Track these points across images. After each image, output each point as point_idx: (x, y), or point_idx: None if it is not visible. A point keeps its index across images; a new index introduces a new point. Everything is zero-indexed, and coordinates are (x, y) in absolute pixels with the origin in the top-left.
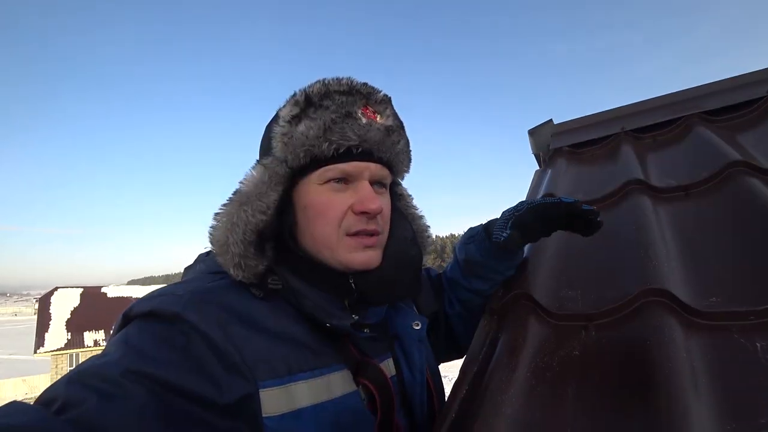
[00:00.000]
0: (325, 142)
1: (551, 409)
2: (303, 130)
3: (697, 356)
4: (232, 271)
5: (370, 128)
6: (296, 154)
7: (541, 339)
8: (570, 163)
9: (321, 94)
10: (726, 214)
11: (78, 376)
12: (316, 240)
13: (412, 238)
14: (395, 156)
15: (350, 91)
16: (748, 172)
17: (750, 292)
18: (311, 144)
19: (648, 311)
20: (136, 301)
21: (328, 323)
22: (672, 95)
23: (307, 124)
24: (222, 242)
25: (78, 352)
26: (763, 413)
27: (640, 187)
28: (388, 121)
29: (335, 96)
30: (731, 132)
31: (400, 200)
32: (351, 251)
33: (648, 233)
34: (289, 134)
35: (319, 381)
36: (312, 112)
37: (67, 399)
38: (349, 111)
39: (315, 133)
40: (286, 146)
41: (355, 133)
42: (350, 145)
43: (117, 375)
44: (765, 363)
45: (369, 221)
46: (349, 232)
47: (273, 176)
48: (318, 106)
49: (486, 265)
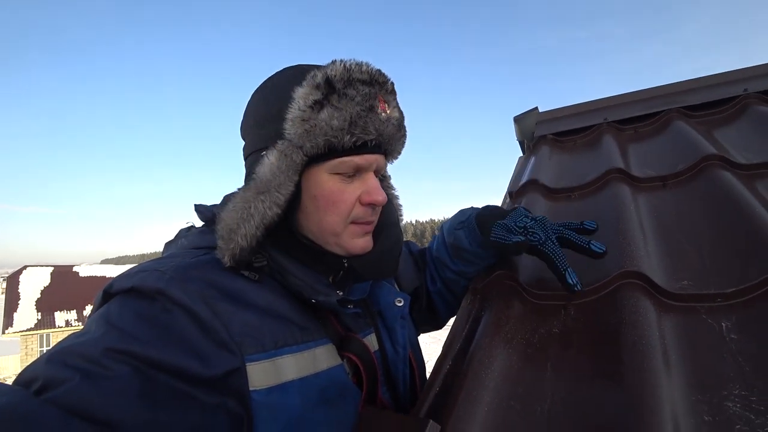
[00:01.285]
0: (347, 135)
1: (531, 382)
2: (326, 119)
3: (668, 335)
4: (225, 258)
5: (388, 123)
6: (316, 143)
7: (523, 318)
8: (553, 150)
9: (344, 80)
10: (700, 205)
11: (58, 355)
12: (323, 228)
13: (396, 221)
14: (396, 148)
15: (371, 81)
16: (722, 165)
17: (718, 276)
18: (334, 135)
19: (624, 292)
20: (116, 277)
21: (314, 299)
22: (654, 89)
23: (330, 113)
24: (231, 228)
25: (49, 332)
26: (726, 386)
27: (621, 176)
28: (396, 113)
29: (358, 85)
30: (708, 127)
31: (383, 181)
32: (354, 237)
33: (626, 220)
34: (312, 121)
35: (305, 354)
36: (336, 100)
37: (47, 379)
38: (372, 105)
39: (339, 124)
40: (308, 133)
41: (375, 128)
42: (368, 139)
43: (99, 354)
44: (729, 341)
45: (374, 211)
46: (355, 221)
47: (290, 165)
48: (342, 94)
49: (475, 253)
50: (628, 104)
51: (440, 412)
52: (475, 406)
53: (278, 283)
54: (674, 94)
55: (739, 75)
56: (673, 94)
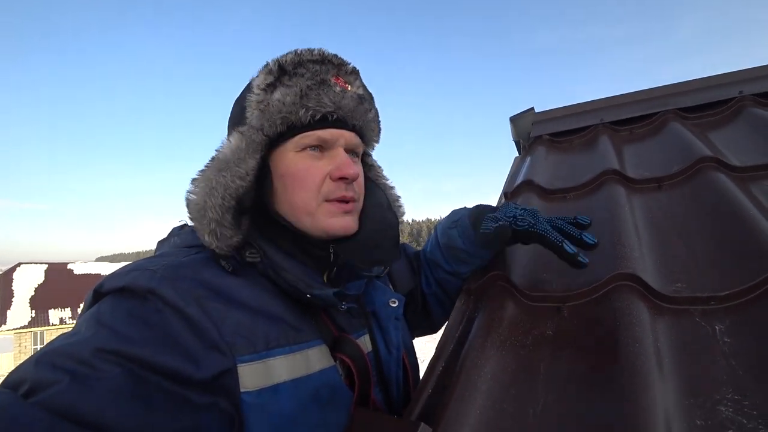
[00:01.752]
0: (301, 109)
1: (524, 384)
2: (279, 97)
3: (662, 337)
4: (206, 238)
5: (345, 96)
6: (273, 122)
7: (517, 319)
8: (549, 151)
9: (295, 62)
10: (694, 207)
11: (47, 356)
12: (295, 207)
13: (387, 204)
14: (367, 124)
15: (323, 60)
16: (717, 167)
17: (711, 279)
18: (288, 111)
19: (618, 294)
20: (107, 276)
21: (309, 294)
22: (649, 91)
23: (283, 92)
24: (200, 206)
25: (43, 330)
26: (719, 390)
27: (616, 177)
28: (359, 91)
29: (308, 65)
30: (703, 129)
31: (371, 170)
32: (330, 216)
33: (621, 221)
34: (265, 102)
35: (297, 356)
36: (287, 80)
37: (36, 381)
38: (323, 78)
39: (291, 99)
40: (263, 114)
41: (331, 99)
42: (326, 111)
43: (89, 354)
44: (722, 345)
45: (347, 188)
46: (328, 198)
47: (250, 144)
48: (293, 74)
49: (468, 252)
50: (624, 105)
51: (432, 414)
52: (468, 408)
53: (272, 281)
54: (670, 96)
55: (734, 77)
56: (669, 95)
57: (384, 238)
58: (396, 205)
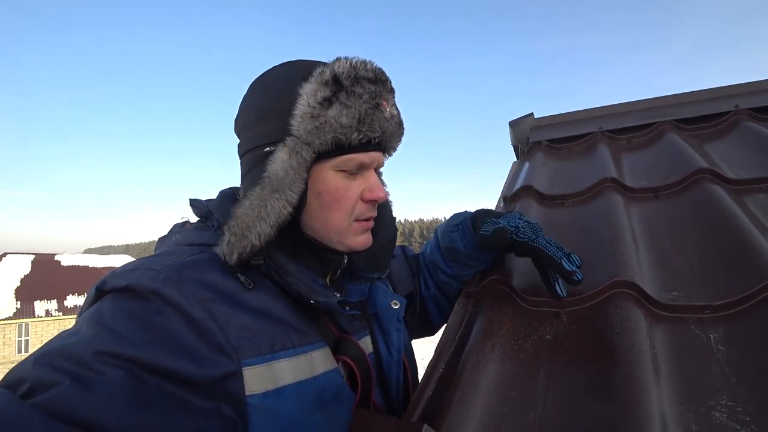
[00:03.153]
0: (355, 132)
1: (524, 388)
2: (335, 116)
3: (658, 344)
4: (234, 256)
5: (392, 122)
6: (325, 140)
7: (516, 323)
8: (548, 157)
9: (351, 78)
10: (690, 217)
11: (47, 356)
12: (327, 225)
13: (392, 217)
14: (394, 146)
15: (376, 79)
16: (712, 179)
17: (706, 288)
18: (342, 132)
19: (616, 301)
20: (110, 273)
21: (312, 300)
22: (648, 101)
23: (339, 110)
24: (246, 225)
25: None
26: (713, 396)
27: (614, 186)
28: (395, 111)
29: (365, 84)
30: (700, 141)
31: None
32: (356, 235)
33: (619, 229)
34: (321, 118)
35: (301, 359)
36: (344, 97)
37: (35, 381)
38: (378, 103)
39: (348, 121)
40: (318, 130)
41: (381, 126)
42: (373, 136)
43: (89, 356)
44: (716, 352)
45: (374, 208)
46: (358, 218)
47: (300, 162)
48: (350, 92)
49: (469, 255)
50: (623, 114)
51: (433, 416)
52: (470, 411)
53: (274, 283)
54: (668, 107)
55: (731, 91)
56: (667, 106)
57: (387, 250)
58: None
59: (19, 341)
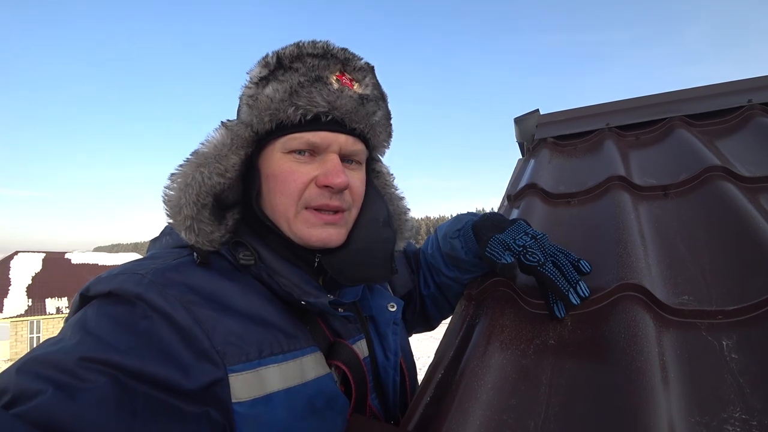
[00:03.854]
0: (290, 107)
1: (526, 395)
2: (269, 93)
3: (667, 351)
4: (184, 234)
5: (341, 95)
6: (261, 118)
7: (518, 327)
8: (553, 154)
9: (293, 56)
10: (702, 217)
11: (29, 364)
12: (275, 211)
13: (386, 219)
14: (371, 128)
15: (325, 54)
16: (725, 177)
17: (719, 292)
18: (276, 108)
19: (623, 305)
20: (94, 279)
21: (303, 301)
22: (657, 96)
23: (274, 87)
24: (175, 203)
25: (39, 319)
26: (725, 408)
27: (622, 184)
28: (366, 90)
29: (307, 59)
30: (710, 137)
31: (378, 178)
32: (309, 226)
33: (627, 230)
34: (255, 96)
35: (291, 364)
36: (281, 74)
37: (18, 391)
38: (319, 75)
39: (280, 96)
40: (251, 109)
41: (324, 98)
42: (318, 111)
43: (73, 363)
44: (729, 361)
45: (332, 196)
46: (308, 205)
47: (235, 139)
48: (288, 68)
49: (471, 263)
50: (631, 110)
51: (431, 424)
52: (467, 419)
53: (266, 285)
54: (677, 102)
55: (744, 85)
56: (677, 101)
57: (375, 257)
58: (402, 218)
59: (31, 338)
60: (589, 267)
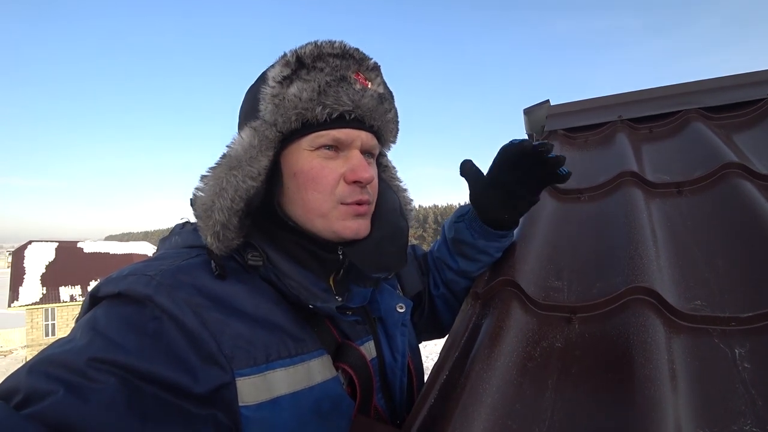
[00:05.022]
0: (318, 106)
1: (530, 400)
2: (295, 92)
3: (677, 358)
4: (208, 239)
5: (364, 94)
6: (287, 117)
7: (525, 328)
8: (563, 146)
9: (314, 55)
10: (717, 217)
11: (41, 364)
12: (308, 209)
13: (400, 209)
14: (385, 125)
15: (343, 54)
16: (743, 175)
17: (733, 297)
18: (304, 107)
19: (633, 309)
20: (103, 280)
21: (311, 305)
22: (672, 87)
23: (300, 86)
24: (207, 206)
25: (53, 306)
26: (736, 420)
27: (633, 180)
28: (380, 89)
29: (329, 59)
30: (728, 131)
31: (385, 171)
32: (343, 219)
33: (639, 229)
34: (280, 96)
35: (299, 368)
36: (305, 74)
37: (29, 391)
38: (343, 75)
39: (308, 95)
40: (277, 108)
41: (350, 98)
42: (344, 110)
43: (83, 364)
44: (741, 370)
45: (362, 191)
46: (344, 201)
47: (263, 140)
48: (311, 67)
49: (475, 246)
50: (644, 102)
51: (434, 427)
52: (471, 423)
53: (274, 287)
54: (693, 94)
55: (764, 76)
56: (692, 93)
57: (393, 244)
58: (407, 208)
59: (46, 325)
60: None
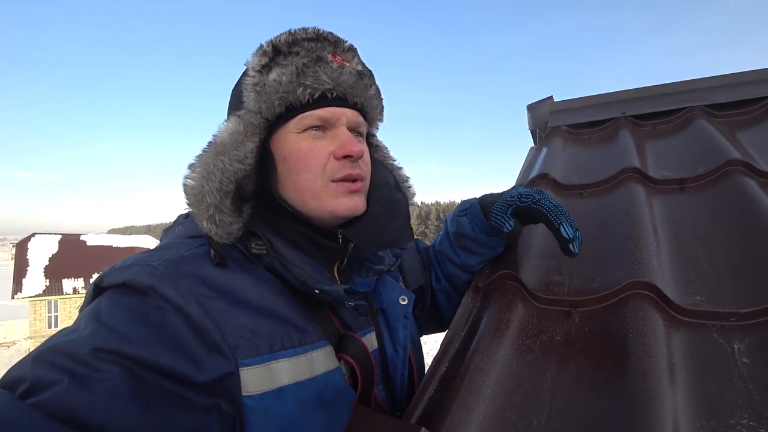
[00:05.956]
0: (299, 87)
1: (530, 392)
2: (275, 77)
3: (676, 353)
4: (205, 224)
5: (342, 72)
6: (270, 103)
7: (525, 321)
8: (566, 143)
9: (289, 42)
10: (719, 213)
11: (45, 354)
12: (300, 190)
13: (395, 183)
14: (368, 102)
15: (318, 38)
16: (746, 172)
17: (733, 293)
18: (285, 90)
19: (633, 303)
20: (107, 270)
21: (317, 289)
22: (676, 84)
23: (279, 71)
24: (197, 191)
25: (57, 298)
26: (734, 414)
27: (636, 176)
28: (358, 67)
29: (303, 43)
30: (732, 128)
31: (377, 151)
32: (337, 197)
33: (640, 224)
34: (261, 83)
35: (302, 358)
36: (282, 59)
37: (34, 381)
38: (319, 55)
39: (288, 78)
40: (259, 95)
41: (329, 76)
42: (325, 89)
43: (87, 353)
44: (740, 365)
45: (353, 165)
46: (334, 178)
47: (248, 126)
48: (287, 53)
49: (477, 240)
50: (649, 98)
51: (433, 418)
52: (470, 414)
53: (278, 276)
54: (697, 91)
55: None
56: (696, 90)
57: (394, 218)
58: (405, 185)
59: (49, 317)
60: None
